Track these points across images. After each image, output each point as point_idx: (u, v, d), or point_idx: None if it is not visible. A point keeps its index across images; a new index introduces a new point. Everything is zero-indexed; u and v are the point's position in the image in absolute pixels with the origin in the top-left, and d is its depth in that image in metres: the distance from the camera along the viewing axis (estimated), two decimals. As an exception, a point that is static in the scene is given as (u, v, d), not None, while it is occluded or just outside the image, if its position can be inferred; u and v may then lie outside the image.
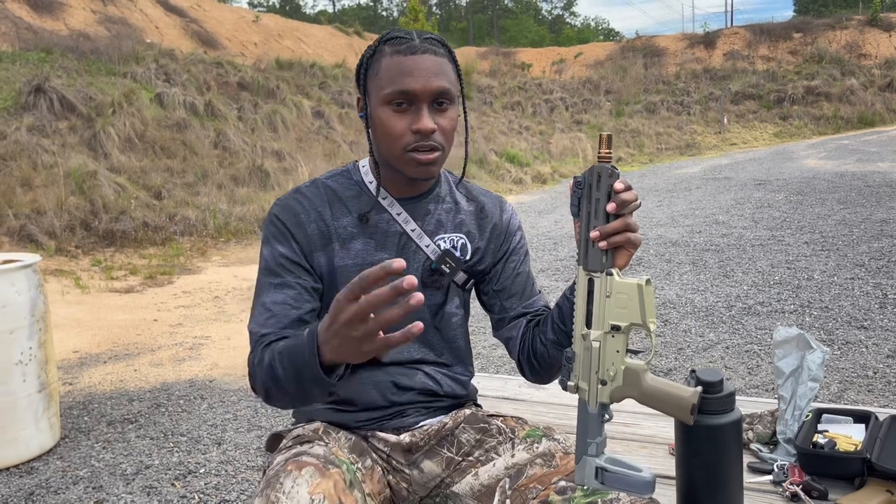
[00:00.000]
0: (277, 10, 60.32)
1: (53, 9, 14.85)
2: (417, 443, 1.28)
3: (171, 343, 4.44)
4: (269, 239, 1.26)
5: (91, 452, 2.92)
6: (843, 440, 1.41)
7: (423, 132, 1.17)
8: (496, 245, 1.36)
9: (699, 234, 7.05)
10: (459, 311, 1.35)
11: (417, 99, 1.17)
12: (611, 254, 1.03)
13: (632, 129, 19.16)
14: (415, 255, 1.28)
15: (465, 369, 1.37)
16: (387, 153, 1.22)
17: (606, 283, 1.01)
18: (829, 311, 4.33)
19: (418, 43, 1.19)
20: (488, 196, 1.40)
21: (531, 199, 11.31)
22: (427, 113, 1.18)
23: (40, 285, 2.87)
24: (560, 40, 56.32)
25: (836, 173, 11.09)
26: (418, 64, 1.17)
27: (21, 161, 7.64)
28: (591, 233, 1.02)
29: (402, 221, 1.28)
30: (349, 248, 1.26)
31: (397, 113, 1.18)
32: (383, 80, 1.18)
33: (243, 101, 12.13)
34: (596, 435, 1.03)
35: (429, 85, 1.17)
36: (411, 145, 1.18)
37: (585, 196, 1.04)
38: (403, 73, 1.17)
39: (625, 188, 1.02)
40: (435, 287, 1.31)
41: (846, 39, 24.78)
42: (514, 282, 1.36)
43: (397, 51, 1.18)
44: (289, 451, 1.15)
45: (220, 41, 18.07)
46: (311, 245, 1.24)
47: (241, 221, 7.94)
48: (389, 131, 1.19)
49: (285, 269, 1.23)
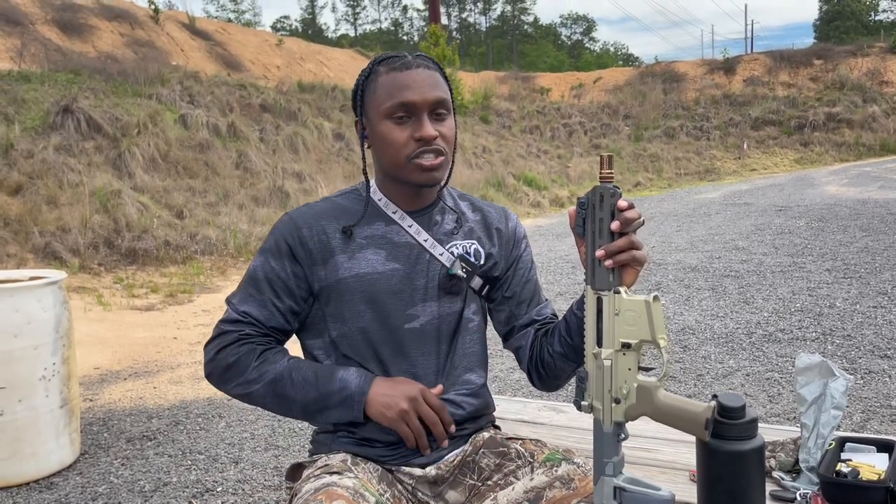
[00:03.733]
0: (300, 33, 61.30)
1: (82, 31, 15.18)
2: (443, 475, 1.28)
3: (191, 361, 4.47)
4: (266, 250, 1.30)
5: (110, 469, 2.94)
6: (866, 469, 1.39)
7: (426, 138, 1.22)
8: (506, 251, 1.38)
9: (719, 259, 7.00)
10: (476, 317, 1.37)
11: (417, 109, 1.22)
12: (617, 272, 1.04)
13: (650, 153, 19.14)
14: (429, 264, 1.30)
15: (480, 375, 1.38)
16: (391, 165, 1.26)
17: (614, 301, 1.02)
18: (852, 339, 4.27)
19: (411, 59, 1.25)
20: (492, 206, 1.44)
21: (549, 222, 11.31)
22: (427, 121, 1.22)
23: (65, 302, 2.91)
24: (579, 65, 56.58)
25: (858, 200, 10.99)
26: (414, 77, 1.23)
27: (48, 180, 7.78)
28: (597, 252, 1.04)
29: (415, 233, 1.30)
30: (357, 258, 1.28)
31: (398, 125, 1.23)
32: (382, 97, 1.23)
33: (265, 122, 12.28)
34: (612, 454, 1.03)
35: (427, 95, 1.22)
36: (415, 153, 1.22)
37: (589, 216, 1.05)
38: (401, 86, 1.22)
39: (628, 206, 1.03)
40: (453, 293, 1.32)
41: (867, 66, 24.64)
42: (524, 288, 1.38)
43: (392, 68, 1.24)
44: (318, 481, 1.15)
45: (243, 64, 18.35)
46: (311, 260, 1.27)
47: (260, 241, 8.00)
48: (392, 143, 1.23)
49: (269, 288, 1.27)
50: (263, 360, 1.24)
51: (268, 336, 1.28)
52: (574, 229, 1.09)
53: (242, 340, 1.25)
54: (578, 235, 1.09)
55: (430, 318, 1.30)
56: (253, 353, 1.24)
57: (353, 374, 1.23)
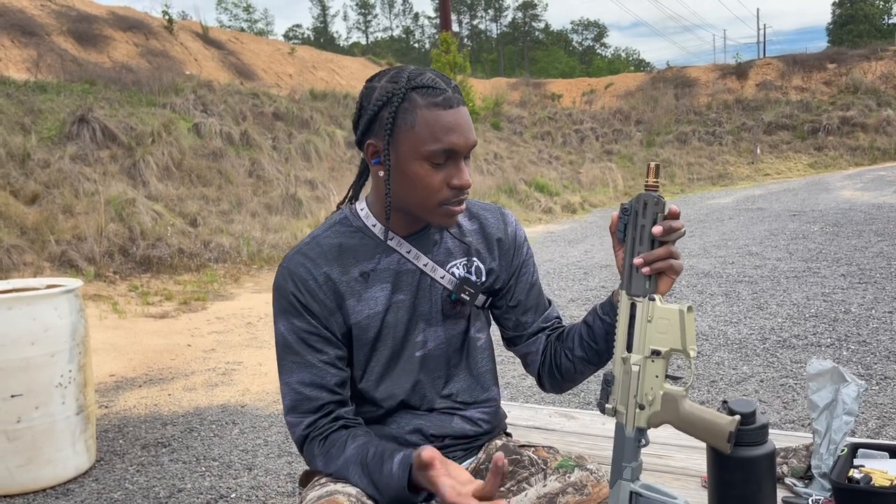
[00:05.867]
0: (312, 42, 61.68)
1: (97, 42, 15.35)
2: None
3: (205, 368, 4.50)
4: (283, 312, 1.23)
5: (125, 475, 2.96)
6: (878, 475, 1.39)
7: (465, 188, 1.17)
8: (507, 261, 1.35)
9: (732, 265, 6.97)
10: (482, 334, 1.36)
11: (457, 155, 1.16)
12: (654, 279, 1.05)
13: (663, 159, 19.06)
14: (431, 288, 1.28)
15: (494, 392, 1.38)
16: (416, 206, 1.20)
17: (648, 307, 1.03)
18: (867, 345, 4.24)
19: (451, 94, 1.16)
20: (488, 209, 1.38)
21: (561, 228, 11.29)
22: (465, 168, 1.18)
23: (81, 310, 2.94)
24: (590, 71, 56.49)
25: (873, 205, 10.90)
26: (458, 119, 1.15)
27: (64, 189, 7.86)
28: (635, 259, 1.05)
29: (414, 258, 1.26)
30: (365, 298, 1.24)
31: (435, 168, 1.16)
32: (423, 136, 1.14)
33: (278, 130, 12.36)
34: (632, 459, 1.04)
35: (469, 140, 1.17)
36: (449, 200, 1.18)
37: (631, 222, 1.07)
38: (447, 129, 1.14)
39: (677, 213, 1.05)
40: (458, 316, 1.31)
41: (881, 70, 24.46)
42: (529, 295, 1.36)
43: (434, 103, 1.15)
44: (322, 488, 1.15)
45: (256, 73, 18.49)
46: (325, 311, 1.22)
47: (273, 249, 8.05)
48: (427, 187, 1.16)
49: (305, 346, 1.22)
50: (328, 458, 1.20)
51: (332, 408, 1.22)
52: (614, 234, 1.10)
53: (311, 436, 1.22)
54: (618, 240, 1.10)
55: (438, 343, 1.29)
56: (318, 455, 1.22)
57: (398, 463, 1.14)
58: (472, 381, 1.33)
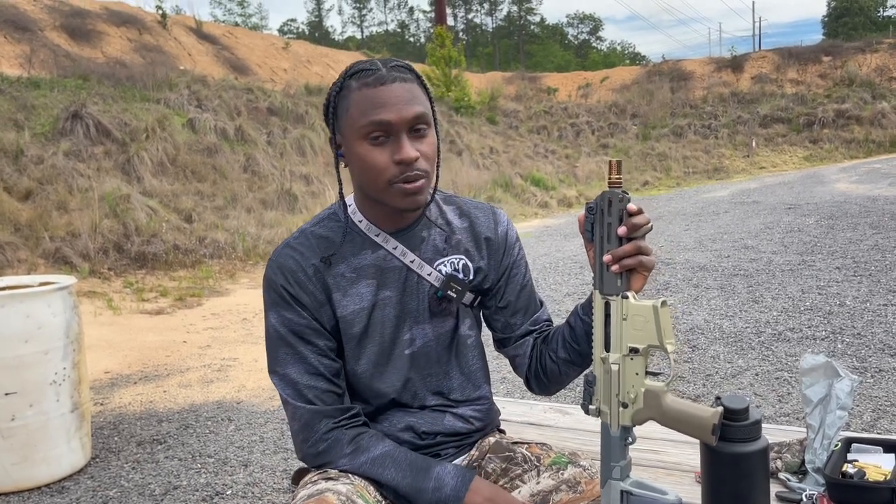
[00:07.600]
0: (307, 36, 61.47)
1: (91, 37, 15.27)
2: None
3: (200, 364, 4.49)
4: (273, 305, 1.23)
5: (121, 472, 2.96)
6: (872, 470, 1.39)
7: (407, 161, 1.15)
8: (496, 261, 1.33)
9: (727, 258, 6.98)
10: (472, 332, 1.35)
11: (395, 129, 1.15)
12: (626, 277, 1.05)
13: (658, 152, 19.08)
14: (418, 285, 1.27)
15: (485, 390, 1.37)
16: (371, 188, 1.19)
17: (622, 306, 1.03)
18: (862, 337, 4.25)
19: (385, 72, 1.16)
20: (480, 208, 1.36)
21: (557, 222, 11.30)
22: (407, 141, 1.15)
23: (75, 307, 2.93)
24: (586, 65, 56.49)
25: (868, 197, 10.92)
26: (389, 93, 1.14)
27: (57, 185, 7.83)
28: (604, 257, 1.04)
29: (400, 255, 1.26)
30: (351, 293, 1.24)
31: (376, 146, 1.15)
32: (355, 116, 1.15)
33: (272, 126, 12.33)
34: (620, 458, 1.04)
35: (404, 113, 1.14)
36: (397, 177, 1.16)
37: (598, 221, 1.06)
38: (375, 105, 1.14)
39: (637, 211, 1.04)
40: (445, 314, 1.30)
41: (876, 63, 24.47)
42: (519, 297, 1.34)
43: (365, 84, 1.15)
44: (312, 487, 1.15)
45: (250, 67, 18.41)
46: (315, 302, 1.23)
47: (269, 244, 8.04)
48: (371, 166, 1.16)
49: (297, 337, 1.22)
50: (356, 448, 1.20)
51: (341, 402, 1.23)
52: (583, 234, 1.10)
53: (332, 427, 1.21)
54: (587, 240, 1.09)
55: (427, 340, 1.29)
56: (341, 444, 1.21)
57: (450, 473, 1.17)
58: (463, 379, 1.33)
